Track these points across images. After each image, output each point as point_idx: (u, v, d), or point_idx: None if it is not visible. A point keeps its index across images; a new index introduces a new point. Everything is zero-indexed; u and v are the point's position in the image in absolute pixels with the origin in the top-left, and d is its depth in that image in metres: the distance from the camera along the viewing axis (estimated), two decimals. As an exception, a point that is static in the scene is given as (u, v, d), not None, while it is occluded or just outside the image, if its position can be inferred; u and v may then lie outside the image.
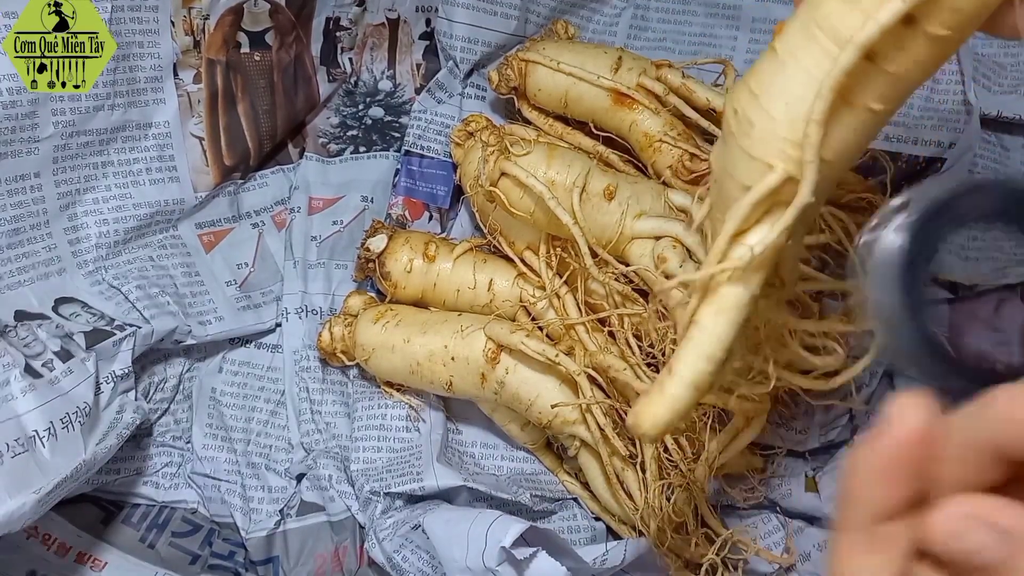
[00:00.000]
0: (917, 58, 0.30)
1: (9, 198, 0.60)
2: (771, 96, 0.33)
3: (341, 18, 0.77)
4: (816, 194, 0.33)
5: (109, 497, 0.67)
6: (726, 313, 0.35)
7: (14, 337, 0.57)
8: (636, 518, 0.61)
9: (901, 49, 0.30)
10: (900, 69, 0.31)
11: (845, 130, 0.32)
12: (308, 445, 0.70)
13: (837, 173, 0.35)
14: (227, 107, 0.72)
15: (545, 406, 0.62)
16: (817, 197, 0.34)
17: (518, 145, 0.63)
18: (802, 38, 0.32)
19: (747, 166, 0.34)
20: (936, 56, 0.31)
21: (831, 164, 0.33)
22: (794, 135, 0.32)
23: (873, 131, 0.33)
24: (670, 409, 0.35)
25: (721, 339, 0.35)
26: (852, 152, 0.34)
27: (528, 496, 0.65)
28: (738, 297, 0.35)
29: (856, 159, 0.35)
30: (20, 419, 0.53)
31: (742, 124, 0.34)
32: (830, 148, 0.32)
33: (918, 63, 0.31)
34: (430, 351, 0.65)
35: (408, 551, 0.60)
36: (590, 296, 0.65)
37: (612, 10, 0.80)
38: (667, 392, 0.36)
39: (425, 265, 0.69)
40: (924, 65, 0.31)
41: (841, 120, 0.32)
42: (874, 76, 0.31)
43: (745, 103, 0.34)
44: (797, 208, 0.33)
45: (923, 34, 0.30)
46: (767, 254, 0.34)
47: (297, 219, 0.76)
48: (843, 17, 0.30)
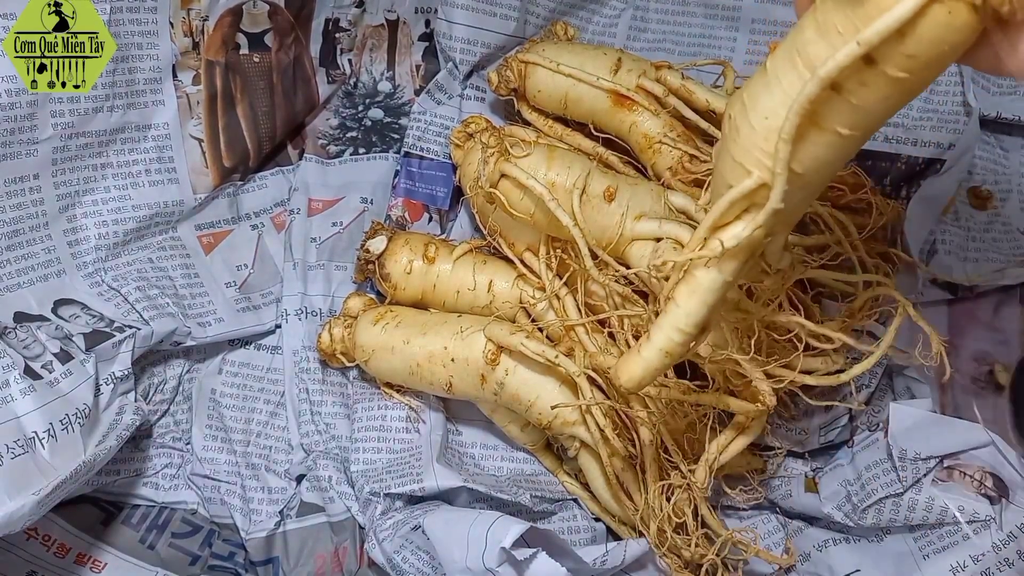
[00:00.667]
0: (880, 95, 0.33)
1: (8, 200, 0.60)
2: (755, 109, 0.36)
3: (340, 19, 0.77)
4: (790, 201, 0.37)
5: (109, 498, 0.67)
6: (698, 294, 0.41)
7: (13, 339, 0.57)
8: (636, 519, 0.61)
9: (863, 85, 0.32)
10: (864, 103, 0.33)
11: (816, 148, 0.35)
12: (308, 446, 0.70)
13: (815, 183, 0.38)
14: (226, 108, 0.72)
15: (545, 407, 0.62)
16: (791, 204, 0.37)
17: (518, 147, 0.63)
18: (785, 60, 0.34)
19: (732, 168, 0.37)
20: (899, 94, 0.33)
21: (804, 176, 0.36)
22: (769, 147, 0.35)
23: (847, 151, 0.36)
24: (643, 368, 0.43)
25: (691, 315, 0.41)
26: (826, 167, 0.36)
27: (528, 497, 0.65)
28: (711, 282, 0.40)
29: (833, 173, 0.39)
30: (20, 420, 0.53)
31: (732, 129, 0.37)
32: (800, 162, 0.35)
33: (882, 99, 0.33)
34: (430, 352, 0.65)
35: (408, 552, 0.60)
36: (590, 297, 0.65)
37: (611, 11, 0.80)
38: (643, 354, 0.43)
39: (425, 266, 0.69)
40: (888, 101, 0.33)
41: (811, 139, 0.35)
42: (840, 106, 0.33)
43: (738, 111, 0.37)
44: (767, 212, 0.37)
45: (883, 74, 0.32)
46: (740, 248, 0.39)
47: (297, 220, 0.75)
48: (816, 47, 0.33)
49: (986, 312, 0.71)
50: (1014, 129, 0.76)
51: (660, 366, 0.43)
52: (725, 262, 0.40)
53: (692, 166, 0.66)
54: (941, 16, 0.30)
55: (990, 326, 0.71)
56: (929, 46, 0.30)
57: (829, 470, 0.66)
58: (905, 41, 0.30)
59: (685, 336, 0.42)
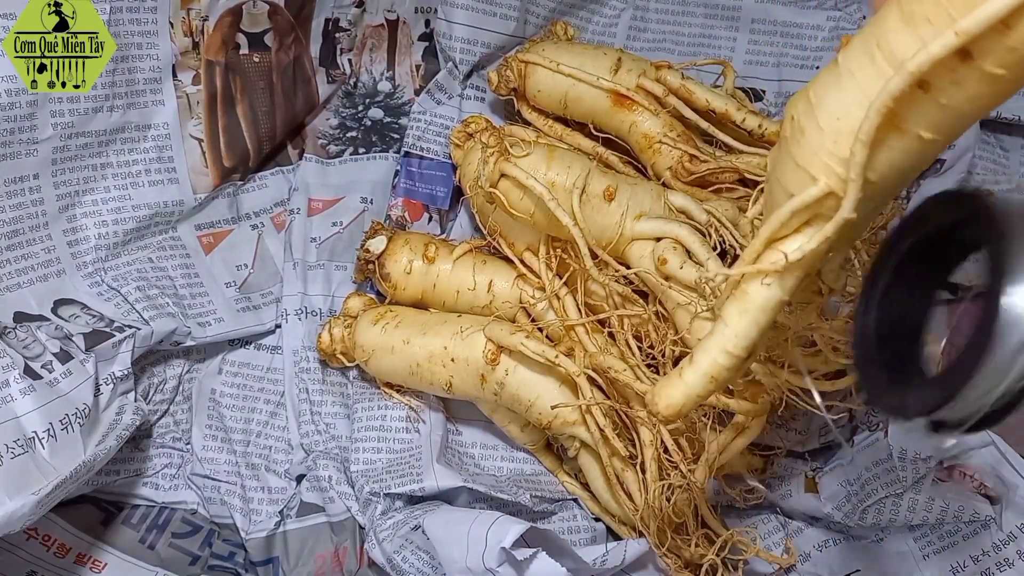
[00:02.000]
0: (972, 94, 0.29)
1: (8, 200, 0.60)
2: (825, 108, 0.32)
3: (340, 19, 0.77)
4: (860, 212, 0.33)
5: (109, 498, 0.67)
6: (751, 313, 0.36)
7: (13, 339, 0.57)
8: (636, 519, 0.61)
9: (956, 84, 0.29)
10: (954, 103, 0.30)
11: (893, 154, 0.32)
12: (308, 446, 0.70)
13: (884, 194, 0.34)
14: (226, 108, 0.72)
15: (545, 407, 0.62)
16: (861, 214, 0.33)
17: (518, 146, 0.63)
18: (862, 53, 0.31)
19: (794, 174, 0.34)
20: (993, 94, 0.29)
21: (876, 185, 0.33)
22: (840, 151, 0.32)
23: (926, 158, 0.33)
24: (685, 394, 0.38)
25: (741, 337, 0.37)
26: (901, 176, 0.33)
27: (528, 497, 0.65)
28: (765, 300, 0.36)
29: (907, 183, 0.35)
30: (19, 420, 0.53)
31: (795, 131, 0.34)
32: (876, 169, 0.32)
33: (973, 99, 0.29)
34: (430, 352, 0.65)
35: (408, 552, 0.60)
36: (590, 297, 0.65)
37: (611, 11, 0.80)
38: (685, 378, 0.38)
39: (425, 266, 0.69)
40: (980, 102, 0.30)
41: (889, 144, 0.31)
42: (926, 106, 0.30)
43: (802, 110, 0.33)
44: (837, 224, 0.33)
45: (979, 71, 0.28)
46: (802, 263, 0.35)
47: (296, 220, 0.75)
48: (901, 39, 0.29)
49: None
50: (1014, 129, 0.76)
51: (704, 393, 0.38)
52: (784, 278, 0.35)
53: (692, 166, 0.66)
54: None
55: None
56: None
57: (829, 470, 0.66)
58: (1011, 33, 0.27)
59: (734, 360, 0.37)
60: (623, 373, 0.59)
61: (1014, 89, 0.29)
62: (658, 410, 0.39)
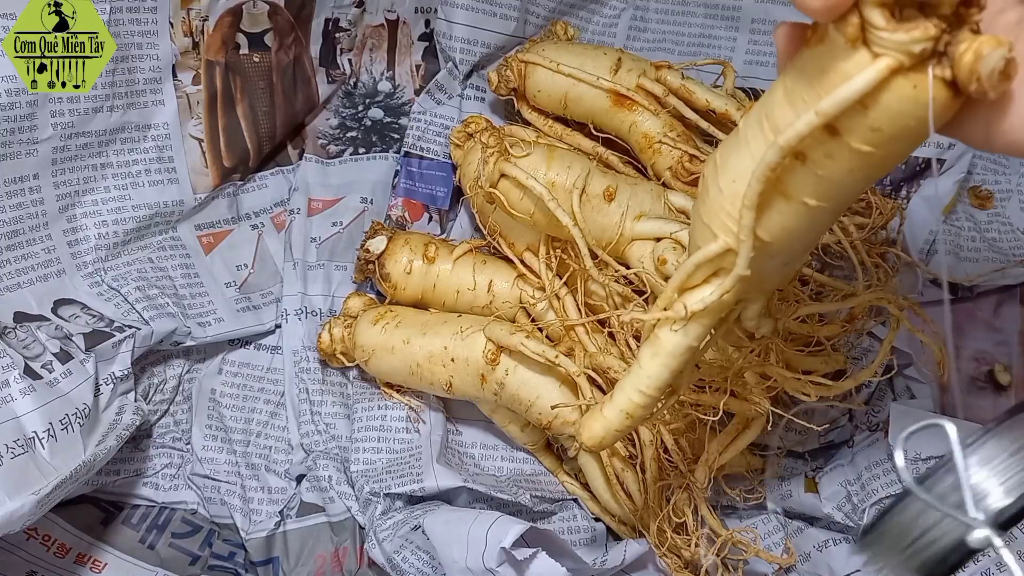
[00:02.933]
0: (847, 167, 0.30)
1: (8, 200, 0.60)
2: (725, 171, 0.34)
3: (340, 19, 0.77)
4: (760, 268, 0.35)
5: (109, 498, 0.67)
6: (661, 357, 0.40)
7: (13, 339, 0.57)
8: (636, 519, 0.61)
9: (829, 157, 0.30)
10: (831, 174, 0.31)
11: (784, 217, 0.33)
12: (308, 446, 0.70)
13: (788, 251, 0.36)
14: (226, 108, 0.72)
15: (545, 407, 0.62)
16: (764, 271, 0.36)
17: (518, 147, 0.63)
18: (755, 123, 0.33)
19: (701, 229, 0.36)
20: (868, 167, 0.30)
21: (773, 245, 0.34)
22: (735, 212, 0.33)
23: (821, 221, 0.34)
24: (604, 428, 0.42)
25: (654, 378, 0.40)
26: (799, 236, 0.34)
27: (528, 497, 0.65)
28: (674, 346, 0.39)
29: (811, 241, 0.37)
30: (19, 420, 0.53)
31: (703, 189, 0.36)
32: (768, 230, 0.34)
33: (850, 172, 0.31)
34: (430, 352, 0.65)
35: (408, 552, 0.60)
36: (590, 297, 0.65)
37: (611, 11, 0.80)
38: (605, 413, 0.42)
39: (425, 266, 0.69)
40: (857, 174, 0.31)
41: (778, 208, 0.33)
42: (805, 176, 0.32)
43: (709, 171, 0.35)
44: (733, 279, 0.35)
45: (847, 147, 0.29)
46: (706, 313, 0.38)
47: (296, 220, 0.75)
48: (782, 112, 0.31)
49: (986, 312, 0.71)
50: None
51: (621, 427, 0.42)
52: (690, 326, 0.38)
53: (692, 166, 0.66)
54: (905, 90, 0.27)
55: (990, 326, 0.71)
56: (895, 119, 0.28)
57: (829, 470, 0.66)
58: (868, 113, 0.28)
59: (647, 399, 0.41)
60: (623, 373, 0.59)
61: (891, 163, 0.30)
62: (582, 441, 0.43)
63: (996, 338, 0.71)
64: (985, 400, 0.69)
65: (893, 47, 0.26)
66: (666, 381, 0.40)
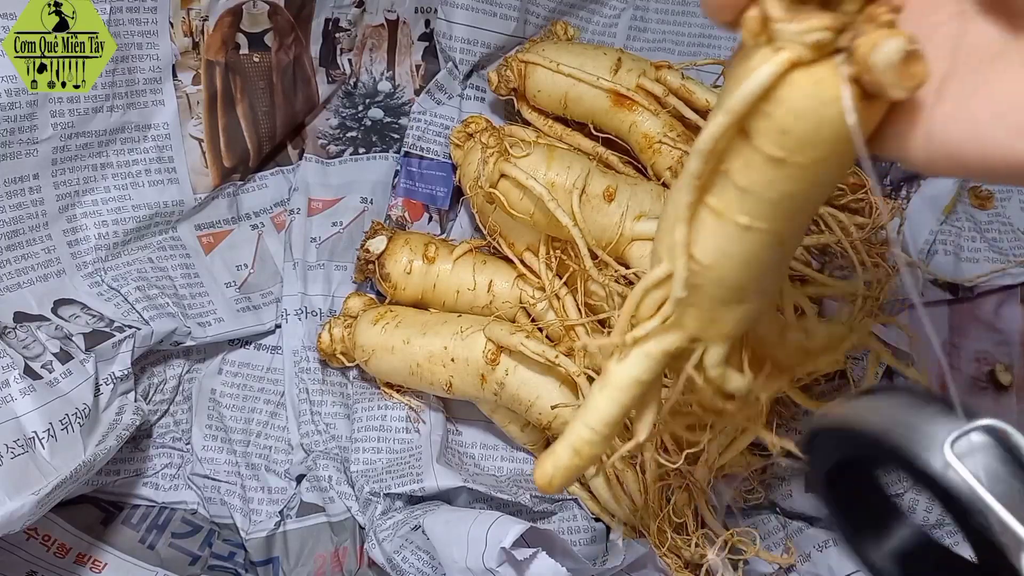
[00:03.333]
0: (765, 178, 0.28)
1: (8, 200, 0.60)
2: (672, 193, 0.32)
3: (340, 19, 0.77)
4: (706, 299, 0.33)
5: (109, 498, 0.67)
6: (607, 390, 0.37)
7: (13, 339, 0.57)
8: (636, 519, 0.61)
9: (747, 166, 0.28)
10: (751, 186, 0.29)
11: (719, 240, 0.31)
12: (308, 446, 0.70)
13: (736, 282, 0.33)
14: (226, 108, 0.72)
15: (545, 407, 0.62)
16: (711, 304, 0.33)
17: (518, 147, 0.63)
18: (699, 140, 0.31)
19: (653, 256, 0.34)
20: (787, 180, 0.28)
21: (715, 270, 0.32)
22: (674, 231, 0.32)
23: (763, 250, 0.31)
24: (554, 465, 0.39)
25: (599, 412, 0.37)
26: (742, 266, 0.32)
27: (528, 497, 0.65)
28: (619, 378, 0.37)
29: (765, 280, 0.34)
30: (19, 420, 0.53)
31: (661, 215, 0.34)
32: (705, 253, 0.32)
33: (770, 184, 0.29)
34: (430, 352, 0.65)
35: (408, 552, 0.60)
36: (590, 297, 0.65)
37: (611, 11, 0.80)
38: (555, 452, 0.39)
39: (425, 266, 0.69)
40: (778, 187, 0.29)
41: (712, 228, 0.31)
42: (728, 189, 0.30)
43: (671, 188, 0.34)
44: (672, 303, 0.33)
45: (760, 152, 0.28)
46: (650, 343, 0.35)
47: (296, 220, 0.75)
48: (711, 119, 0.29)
49: (986, 312, 0.71)
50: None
51: (570, 465, 0.39)
52: (636, 358, 0.36)
53: (692, 166, 0.66)
54: (807, 86, 0.25)
55: (990, 326, 0.71)
56: (801, 120, 0.26)
57: (829, 470, 0.66)
58: (774, 113, 0.26)
59: (595, 435, 0.38)
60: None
61: (820, 177, 0.28)
62: (536, 483, 0.40)
63: (997, 338, 0.71)
64: (986, 400, 0.69)
65: (791, 38, 0.25)
66: (614, 417, 0.37)
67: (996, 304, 0.71)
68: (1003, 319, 0.71)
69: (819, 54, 0.25)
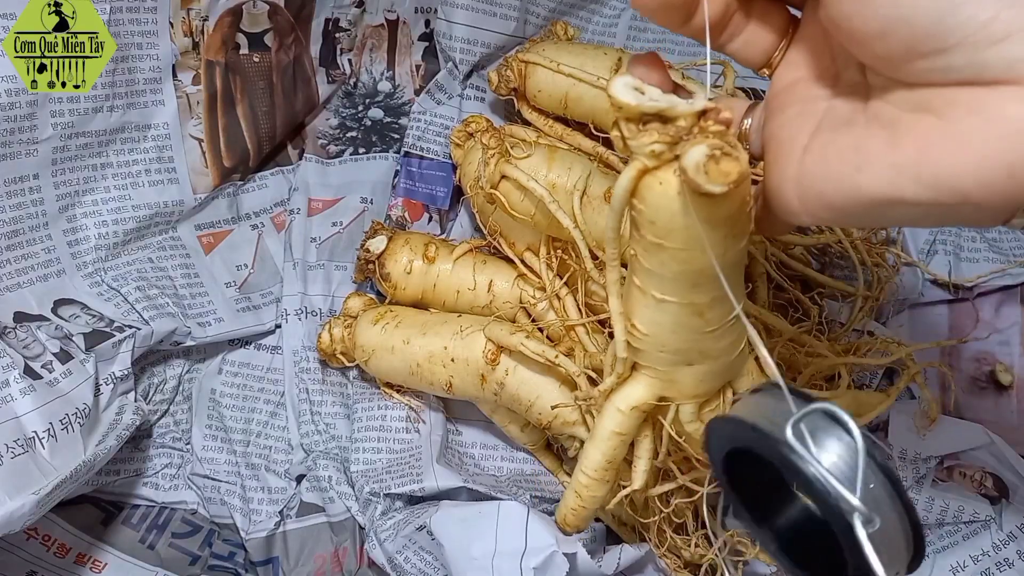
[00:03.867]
0: (658, 260, 0.34)
1: (8, 200, 0.60)
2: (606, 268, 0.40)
3: (340, 19, 0.77)
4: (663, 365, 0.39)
5: (109, 498, 0.67)
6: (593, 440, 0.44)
7: (13, 338, 0.57)
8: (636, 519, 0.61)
9: (645, 250, 0.34)
10: (653, 267, 0.35)
11: (649, 311, 0.37)
12: (308, 446, 0.70)
13: (679, 350, 0.39)
14: (226, 108, 0.72)
15: (545, 407, 0.62)
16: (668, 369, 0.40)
17: (518, 147, 0.63)
18: None
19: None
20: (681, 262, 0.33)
21: (652, 339, 0.39)
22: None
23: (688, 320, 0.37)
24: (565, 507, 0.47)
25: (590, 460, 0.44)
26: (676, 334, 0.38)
27: (528, 497, 0.65)
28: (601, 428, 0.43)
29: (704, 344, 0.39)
30: (19, 420, 0.53)
31: None
32: (642, 322, 0.38)
33: (663, 264, 0.34)
34: (430, 352, 0.65)
35: (410, 552, 0.60)
36: (590, 297, 0.65)
37: (611, 11, 0.80)
38: (565, 496, 0.47)
39: (425, 266, 0.69)
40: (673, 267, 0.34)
41: (641, 300, 0.37)
42: (639, 268, 0.36)
43: None
44: (620, 363, 0.41)
45: (646, 240, 0.34)
46: (615, 398, 0.43)
47: (296, 220, 0.75)
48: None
49: (987, 312, 0.71)
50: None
51: (576, 506, 0.46)
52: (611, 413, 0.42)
53: (692, 166, 0.66)
54: (654, 187, 0.31)
55: (990, 326, 0.71)
56: (660, 212, 0.31)
57: (829, 470, 0.66)
58: (642, 210, 0.32)
59: (591, 480, 0.44)
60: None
61: (692, 256, 0.33)
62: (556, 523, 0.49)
63: (997, 338, 0.71)
64: (986, 400, 0.69)
65: (638, 151, 0.31)
66: (601, 464, 0.44)
67: (996, 304, 0.71)
68: (1003, 319, 0.71)
69: (662, 161, 0.30)
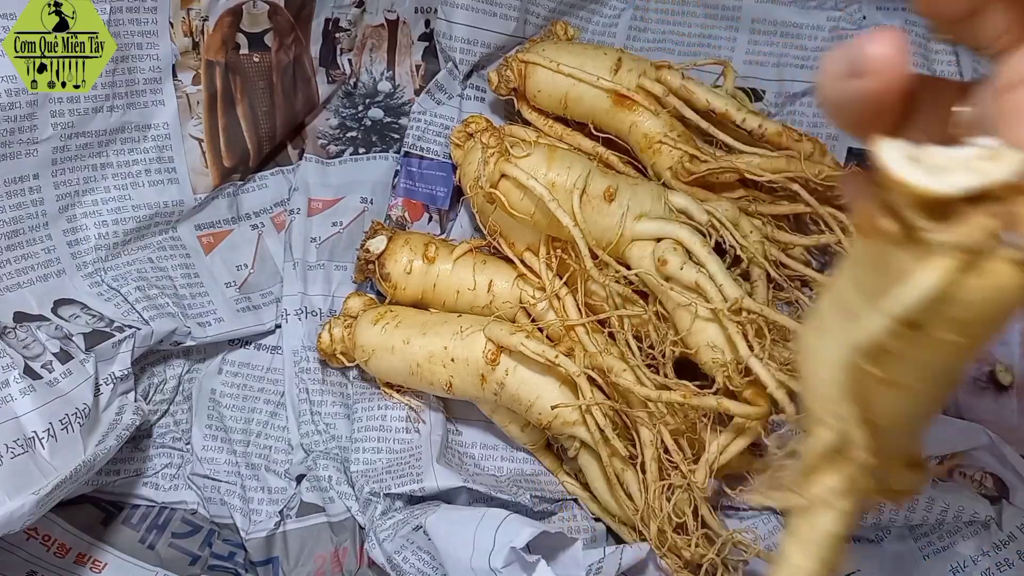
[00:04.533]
0: (940, 353, 0.27)
1: (8, 200, 0.60)
2: (814, 355, 0.30)
3: (340, 19, 0.77)
4: (885, 445, 0.31)
5: (109, 498, 0.67)
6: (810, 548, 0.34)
7: (13, 338, 0.57)
8: (636, 519, 0.61)
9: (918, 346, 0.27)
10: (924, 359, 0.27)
11: (894, 403, 0.29)
12: (308, 446, 0.70)
13: (915, 425, 0.32)
14: (226, 108, 0.72)
15: (545, 407, 0.62)
16: (891, 444, 0.32)
17: (518, 147, 0.63)
18: (832, 307, 0.29)
19: (810, 412, 0.32)
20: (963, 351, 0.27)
21: (892, 429, 0.31)
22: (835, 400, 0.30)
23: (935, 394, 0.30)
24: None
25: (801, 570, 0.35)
26: (918, 412, 0.31)
27: (528, 497, 0.65)
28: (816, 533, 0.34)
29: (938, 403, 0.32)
30: (19, 420, 0.53)
31: (803, 367, 0.32)
32: (882, 416, 0.30)
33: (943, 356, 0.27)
34: (430, 352, 0.65)
35: (409, 552, 0.60)
36: (590, 297, 0.65)
37: (611, 11, 0.80)
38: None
39: (425, 266, 0.69)
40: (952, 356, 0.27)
41: (884, 396, 0.29)
42: (898, 365, 0.28)
43: (803, 346, 0.31)
44: (859, 467, 0.30)
45: (931, 337, 0.26)
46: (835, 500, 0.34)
47: (296, 220, 0.75)
48: (855, 303, 0.28)
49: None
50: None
51: None
52: (826, 513, 0.32)
53: (692, 166, 0.66)
54: (976, 282, 0.23)
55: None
56: (976, 308, 0.24)
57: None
58: (945, 310, 0.24)
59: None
60: (623, 373, 0.59)
61: (987, 339, 0.27)
62: None
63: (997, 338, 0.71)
64: (986, 400, 0.69)
65: (947, 247, 0.23)
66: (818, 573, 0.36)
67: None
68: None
69: (981, 254, 0.23)
